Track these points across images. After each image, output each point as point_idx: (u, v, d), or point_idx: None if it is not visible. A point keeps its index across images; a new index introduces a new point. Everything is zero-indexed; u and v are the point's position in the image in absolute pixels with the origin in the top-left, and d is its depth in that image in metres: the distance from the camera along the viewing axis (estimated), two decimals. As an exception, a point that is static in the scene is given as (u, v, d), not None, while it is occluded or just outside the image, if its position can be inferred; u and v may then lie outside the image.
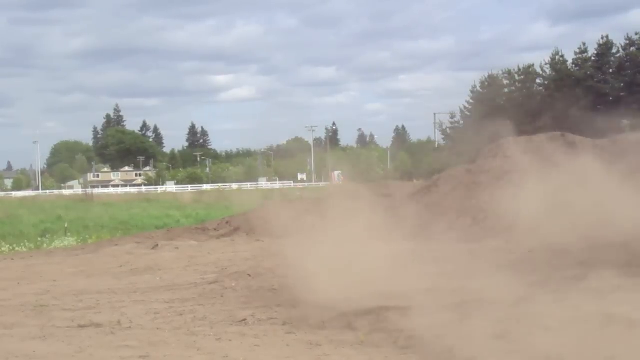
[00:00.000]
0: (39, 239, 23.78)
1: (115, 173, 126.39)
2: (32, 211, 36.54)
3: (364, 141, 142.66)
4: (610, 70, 68.28)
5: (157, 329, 8.65)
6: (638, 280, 9.55)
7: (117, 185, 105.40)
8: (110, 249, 18.92)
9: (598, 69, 68.14)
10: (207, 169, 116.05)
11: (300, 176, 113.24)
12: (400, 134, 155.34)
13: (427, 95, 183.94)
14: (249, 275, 12.53)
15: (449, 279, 11.15)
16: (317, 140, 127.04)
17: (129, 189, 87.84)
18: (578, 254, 12.05)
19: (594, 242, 12.34)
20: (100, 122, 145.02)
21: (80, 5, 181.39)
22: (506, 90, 73.88)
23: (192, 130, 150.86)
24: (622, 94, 65.90)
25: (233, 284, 11.87)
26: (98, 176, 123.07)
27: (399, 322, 8.13)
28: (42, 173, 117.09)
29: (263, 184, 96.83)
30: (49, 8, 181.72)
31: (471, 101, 75.75)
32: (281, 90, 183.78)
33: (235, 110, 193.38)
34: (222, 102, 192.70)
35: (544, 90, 70.78)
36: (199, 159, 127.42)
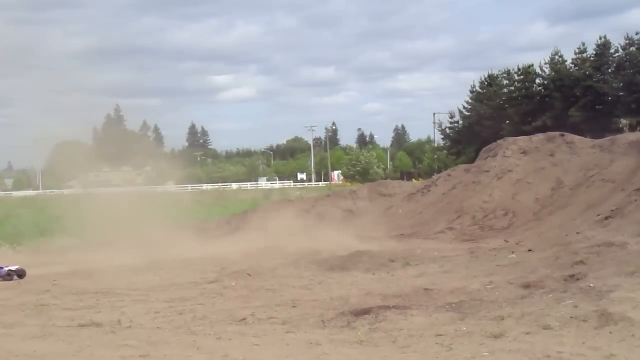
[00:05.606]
0: (40, 238, 23.78)
1: (116, 173, 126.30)
2: (32, 211, 36.51)
3: (364, 141, 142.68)
4: (610, 70, 68.20)
5: (158, 328, 8.65)
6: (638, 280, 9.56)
7: (118, 185, 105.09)
8: (110, 248, 18.91)
9: (597, 69, 68.07)
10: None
11: (300, 176, 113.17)
12: (400, 134, 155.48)
13: (427, 95, 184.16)
14: (249, 275, 12.55)
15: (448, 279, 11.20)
16: (317, 140, 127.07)
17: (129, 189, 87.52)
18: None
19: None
20: (100, 122, 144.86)
21: (80, 5, 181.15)
22: (505, 90, 73.84)
23: (192, 130, 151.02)
24: (621, 93, 65.86)
25: (233, 284, 11.88)
26: (98, 176, 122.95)
27: (399, 322, 8.14)
28: (42, 173, 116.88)
29: (263, 184, 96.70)
30: (49, 8, 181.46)
31: (470, 101, 75.73)
32: (281, 91, 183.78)
33: (235, 110, 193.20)
34: (222, 102, 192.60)
35: (543, 91, 70.74)
36: (199, 158, 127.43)
